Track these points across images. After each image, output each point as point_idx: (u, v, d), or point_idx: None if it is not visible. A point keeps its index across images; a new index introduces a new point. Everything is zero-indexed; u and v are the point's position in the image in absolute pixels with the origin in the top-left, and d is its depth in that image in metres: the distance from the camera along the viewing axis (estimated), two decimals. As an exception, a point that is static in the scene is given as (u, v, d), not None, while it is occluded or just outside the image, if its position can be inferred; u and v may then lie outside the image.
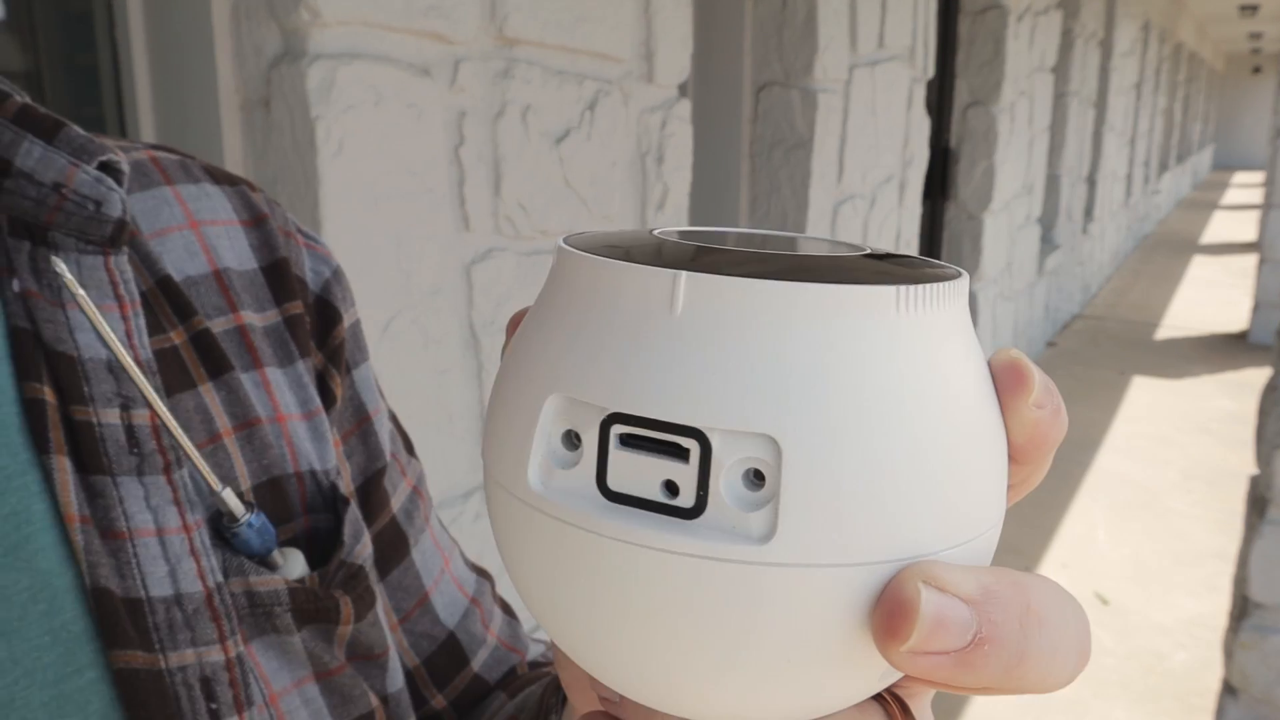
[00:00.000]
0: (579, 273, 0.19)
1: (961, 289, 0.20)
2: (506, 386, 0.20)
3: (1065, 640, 0.19)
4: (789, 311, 0.17)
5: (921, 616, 0.17)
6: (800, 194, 2.36)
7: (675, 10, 1.70)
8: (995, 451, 0.19)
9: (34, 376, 0.34)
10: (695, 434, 0.17)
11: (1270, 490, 2.17)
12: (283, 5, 1.09)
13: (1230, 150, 24.19)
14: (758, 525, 0.17)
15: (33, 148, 0.35)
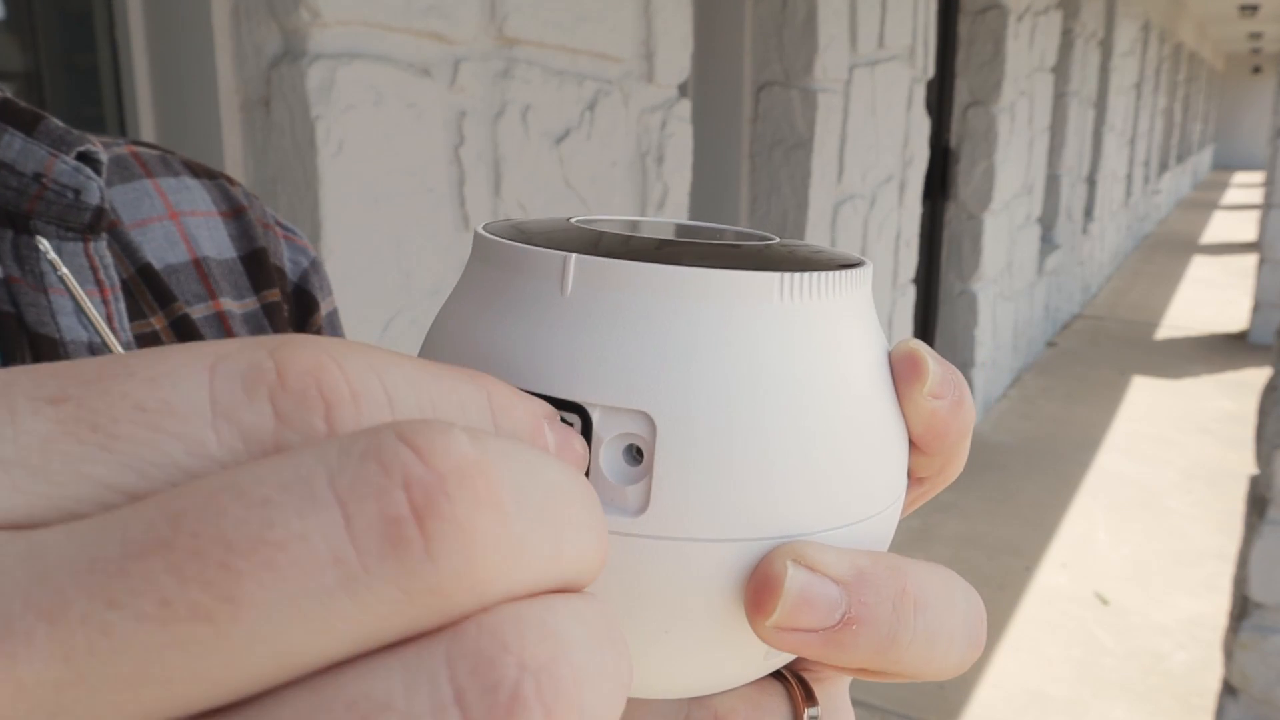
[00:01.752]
0: (486, 254, 0.20)
1: (859, 279, 0.20)
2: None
3: (948, 627, 0.19)
4: (670, 293, 0.18)
5: (786, 592, 0.18)
6: (800, 194, 2.36)
7: (675, 10, 1.70)
8: (885, 439, 0.20)
9: (18, 359, 0.35)
10: (577, 409, 0.18)
11: (1270, 490, 2.17)
12: (283, 5, 1.10)
13: (1230, 150, 24.19)
14: (634, 499, 0.18)
15: (13, 140, 0.36)
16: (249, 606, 0.10)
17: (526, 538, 0.12)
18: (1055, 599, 3.07)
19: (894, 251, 2.96)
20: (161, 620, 0.10)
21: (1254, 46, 18.57)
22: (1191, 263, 9.43)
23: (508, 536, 0.12)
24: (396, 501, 0.11)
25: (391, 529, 0.11)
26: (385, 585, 0.11)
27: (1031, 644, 2.81)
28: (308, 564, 0.11)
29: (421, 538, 0.11)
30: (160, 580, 0.10)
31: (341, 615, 0.11)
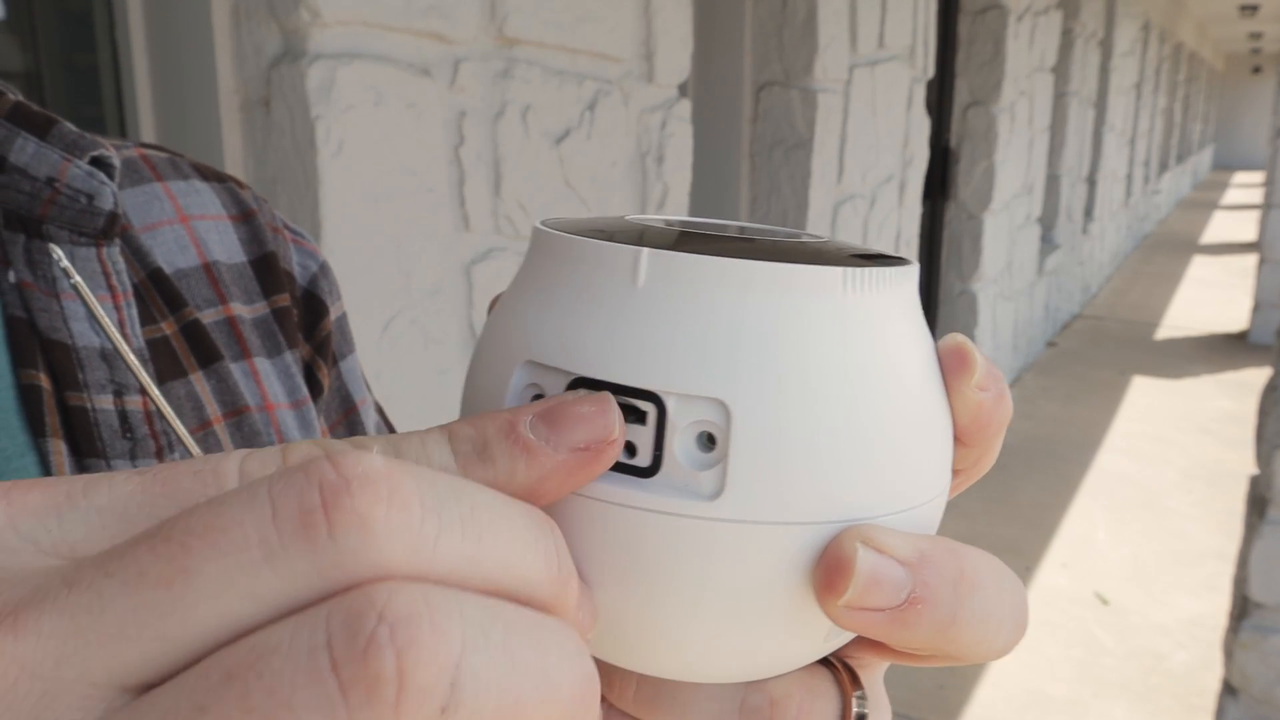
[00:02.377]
0: (553, 249, 0.21)
1: (909, 275, 0.21)
2: (481, 355, 0.22)
3: (999, 609, 0.20)
4: (743, 286, 0.19)
5: (857, 573, 0.19)
6: (800, 194, 2.36)
7: (675, 10, 1.70)
8: (937, 428, 0.21)
9: (30, 364, 0.35)
10: (652, 397, 0.19)
11: (1270, 490, 2.17)
12: (283, 5, 1.10)
13: (1230, 150, 24.19)
14: (708, 483, 0.19)
15: (26, 144, 0.36)
16: (196, 574, 0.14)
17: (439, 535, 0.15)
18: (1055, 599, 3.07)
19: (894, 251, 2.96)
20: (137, 585, 0.14)
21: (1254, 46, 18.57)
22: (1191, 263, 9.43)
23: (410, 528, 0.14)
24: (311, 498, 0.14)
25: (304, 516, 0.14)
26: (297, 559, 0.14)
27: (1031, 644, 2.81)
28: (241, 543, 0.14)
29: (326, 523, 0.14)
30: (140, 557, 0.14)
31: (265, 583, 0.14)
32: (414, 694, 0.13)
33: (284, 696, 0.13)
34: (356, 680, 0.13)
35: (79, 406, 0.35)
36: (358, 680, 0.13)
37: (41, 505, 0.16)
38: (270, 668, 0.13)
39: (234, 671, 0.13)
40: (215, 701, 0.13)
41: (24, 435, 0.34)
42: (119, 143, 0.43)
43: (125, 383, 0.36)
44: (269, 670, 0.13)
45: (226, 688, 0.13)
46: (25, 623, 0.14)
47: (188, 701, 0.13)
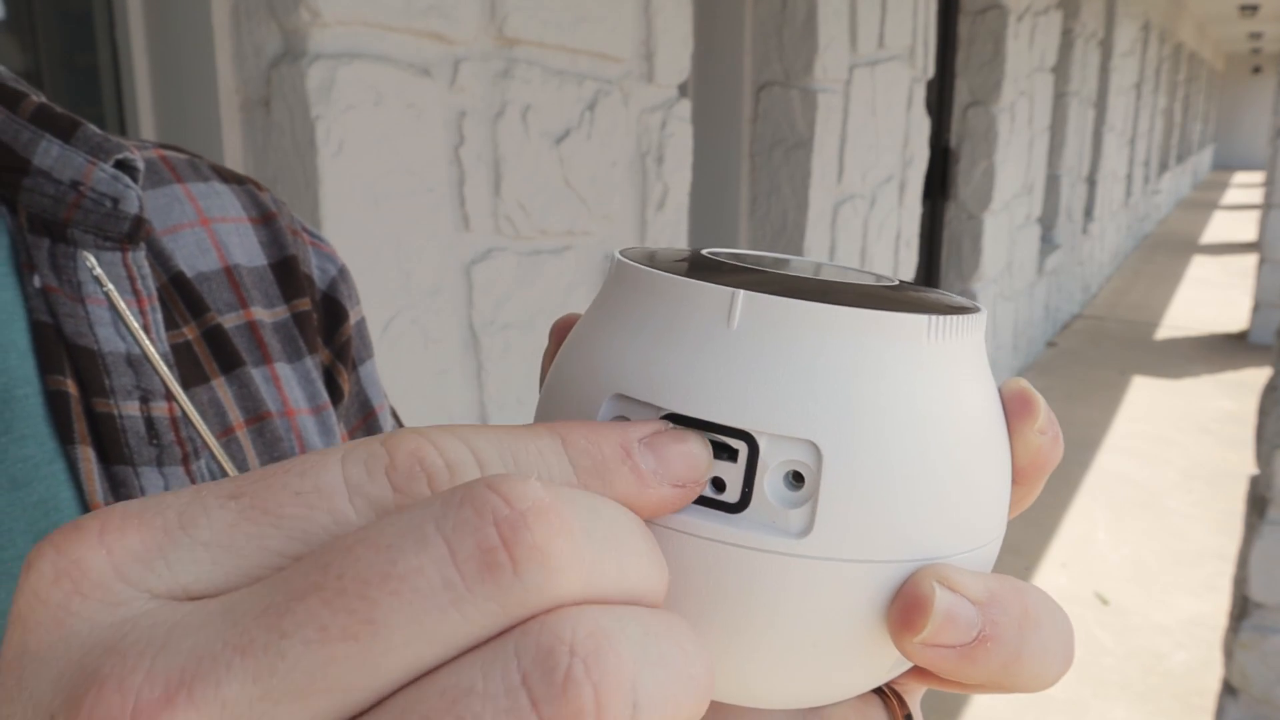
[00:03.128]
0: (640, 284, 0.21)
1: (981, 322, 0.22)
2: (563, 385, 0.22)
3: (1056, 643, 0.21)
4: (836, 331, 0.20)
5: (935, 612, 0.19)
6: (800, 194, 2.36)
7: (675, 10, 1.70)
8: (1002, 470, 0.22)
9: (57, 370, 0.35)
10: (744, 436, 0.19)
11: (1270, 490, 2.17)
12: (283, 5, 1.10)
13: (1230, 150, 24.19)
14: (796, 521, 0.19)
15: (50, 146, 0.36)
16: (383, 625, 0.14)
17: (597, 560, 0.15)
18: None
19: (894, 251, 2.96)
20: (321, 642, 0.14)
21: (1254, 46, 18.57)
22: (1191, 263, 9.43)
23: (580, 557, 0.15)
24: (489, 535, 0.14)
25: (487, 556, 0.14)
26: (485, 600, 0.14)
27: (1031, 644, 2.81)
28: (424, 589, 0.14)
29: (510, 561, 0.14)
30: (318, 612, 0.14)
31: (452, 626, 0.14)
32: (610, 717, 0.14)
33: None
34: (558, 717, 0.13)
35: (106, 413, 0.35)
36: (560, 717, 0.13)
37: (142, 547, 0.15)
38: (470, 710, 0.14)
39: (431, 718, 0.14)
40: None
41: (52, 442, 0.34)
42: (139, 143, 0.43)
43: (151, 389, 0.36)
44: (469, 713, 0.14)
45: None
46: (204, 694, 0.13)
47: None
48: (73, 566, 0.15)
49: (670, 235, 1.77)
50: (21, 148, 0.36)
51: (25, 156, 0.36)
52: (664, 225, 1.75)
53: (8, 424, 0.33)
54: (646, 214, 1.71)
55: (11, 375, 0.34)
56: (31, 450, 0.33)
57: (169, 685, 0.13)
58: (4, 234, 0.36)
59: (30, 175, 0.36)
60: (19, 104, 0.36)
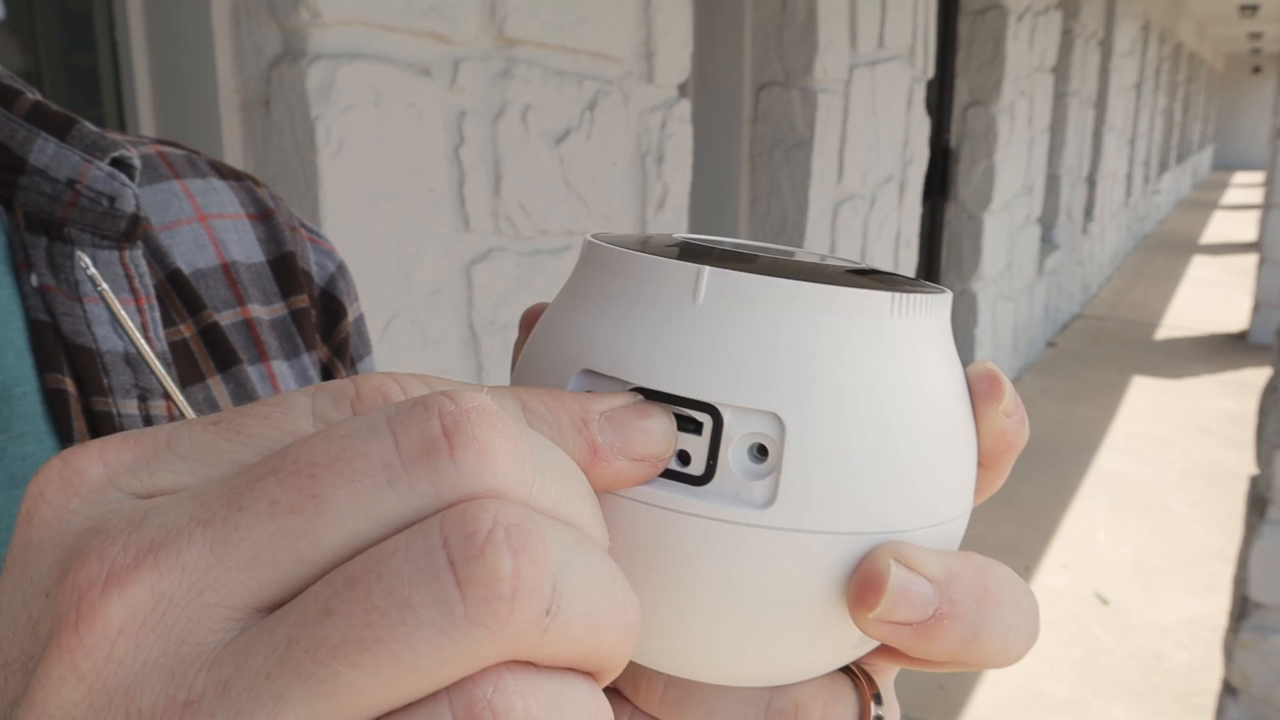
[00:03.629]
0: (609, 263, 0.22)
1: (945, 303, 0.22)
2: (534, 362, 0.22)
3: (1017, 622, 0.21)
4: (800, 306, 0.20)
5: (890, 588, 0.20)
6: (800, 194, 2.36)
7: (675, 10, 1.70)
8: (966, 449, 0.22)
9: (55, 368, 0.35)
10: (709, 409, 0.20)
11: (1270, 490, 2.17)
12: (283, 5, 1.10)
13: (1230, 150, 24.19)
14: (760, 493, 0.20)
15: (46, 145, 0.36)
16: (326, 500, 0.15)
17: (536, 476, 0.16)
18: (1055, 599, 3.07)
19: (894, 251, 2.96)
20: (270, 515, 0.15)
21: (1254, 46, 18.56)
22: (1191, 263, 9.43)
23: (518, 462, 0.16)
24: (432, 426, 0.15)
25: (427, 443, 0.15)
26: (420, 480, 0.15)
27: (1031, 644, 2.80)
28: (366, 470, 0.15)
29: (449, 448, 0.15)
30: (271, 489, 0.15)
31: (388, 504, 0.15)
32: (527, 592, 0.14)
33: (403, 595, 0.14)
34: (473, 577, 0.14)
35: (104, 411, 0.35)
36: (475, 577, 0.14)
37: (133, 460, 0.17)
38: (390, 569, 0.14)
39: (355, 576, 0.15)
40: (340, 603, 0.14)
41: (51, 440, 0.34)
42: (135, 139, 0.42)
43: (149, 387, 0.36)
44: (388, 571, 0.14)
45: (349, 590, 0.15)
46: (167, 559, 0.15)
47: (314, 607, 0.15)
48: (73, 474, 0.17)
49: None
50: (17, 146, 0.36)
51: (21, 155, 0.36)
52: (664, 225, 1.75)
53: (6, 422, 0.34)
54: (646, 214, 1.71)
55: (10, 374, 0.34)
56: (31, 448, 0.34)
57: (139, 552, 0.15)
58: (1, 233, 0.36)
59: (26, 174, 0.36)
60: (14, 102, 0.36)
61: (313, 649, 0.14)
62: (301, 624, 0.15)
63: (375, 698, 0.14)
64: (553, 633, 0.15)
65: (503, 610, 0.14)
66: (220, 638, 0.15)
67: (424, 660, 0.14)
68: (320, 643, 0.14)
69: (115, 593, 0.15)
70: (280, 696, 0.14)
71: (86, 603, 0.15)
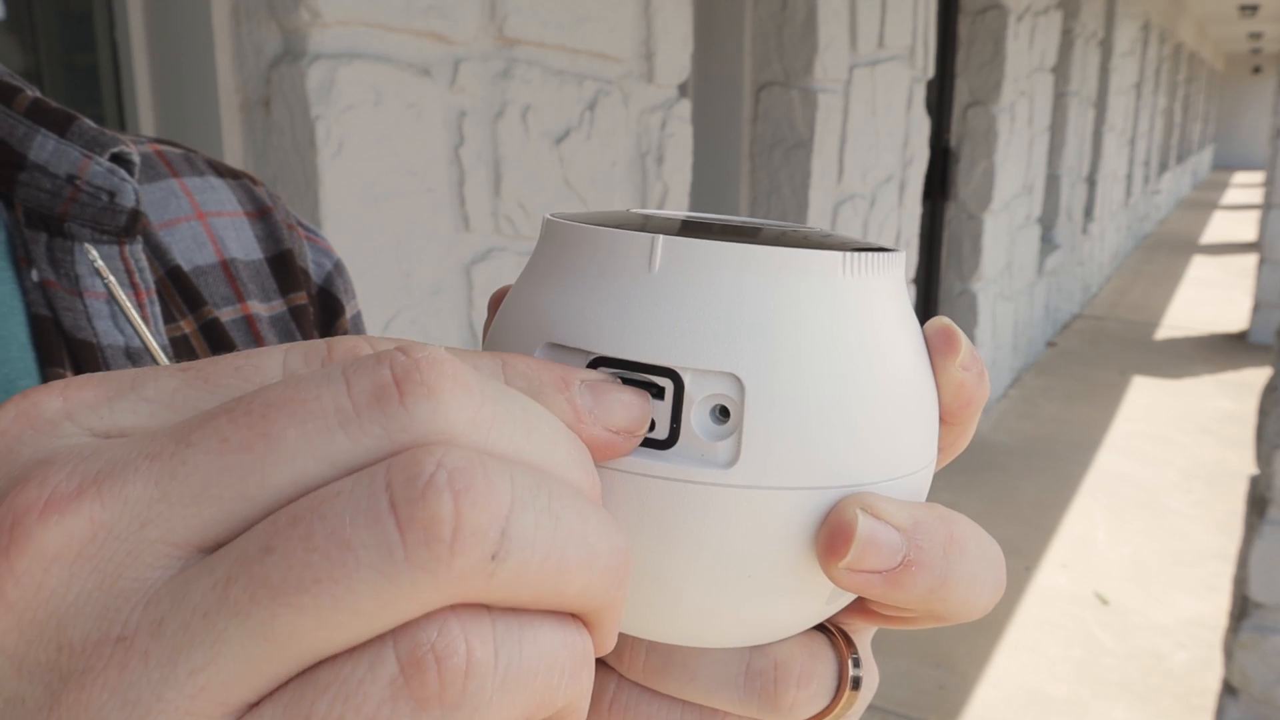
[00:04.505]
0: (567, 239, 0.22)
1: (898, 261, 0.23)
2: (500, 339, 0.23)
3: (983, 571, 0.22)
4: (752, 269, 0.20)
5: (858, 537, 0.20)
6: (800, 194, 2.36)
7: (675, 10, 1.70)
8: (926, 402, 0.22)
9: (56, 362, 0.35)
10: (670, 374, 0.20)
11: (1270, 490, 2.17)
12: (283, 5, 1.10)
13: (1230, 150, 24.18)
14: (723, 452, 0.20)
15: (46, 141, 0.36)
16: (278, 439, 0.15)
17: (493, 421, 0.16)
18: (1055, 599, 3.07)
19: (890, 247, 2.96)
20: (220, 452, 0.15)
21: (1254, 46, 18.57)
22: (1191, 263, 9.43)
23: (471, 406, 0.16)
24: (384, 374, 0.16)
25: (379, 390, 0.16)
26: (369, 423, 0.15)
27: (1031, 644, 2.81)
28: (318, 412, 0.15)
29: (399, 395, 0.15)
30: (222, 427, 0.15)
31: (337, 446, 0.15)
32: (468, 536, 0.14)
33: (344, 535, 0.14)
34: (414, 520, 0.14)
35: None
36: (415, 520, 0.14)
37: (94, 398, 0.17)
38: (332, 510, 0.14)
39: (298, 515, 0.15)
40: (281, 541, 0.14)
41: None
42: (134, 138, 0.43)
43: None
44: (331, 512, 0.14)
45: (291, 528, 0.14)
46: (110, 490, 0.15)
47: (255, 545, 0.15)
48: (30, 407, 0.17)
49: (670, 235, 1.77)
50: (17, 142, 0.36)
51: (21, 151, 0.36)
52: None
53: None
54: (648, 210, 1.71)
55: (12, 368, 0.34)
56: None
57: (83, 482, 0.15)
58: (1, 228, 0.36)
59: (26, 170, 0.36)
60: (14, 99, 0.37)
61: (251, 588, 0.14)
62: (241, 562, 0.15)
63: (315, 640, 0.14)
64: (500, 576, 0.15)
65: (443, 553, 0.14)
66: (159, 574, 0.15)
67: (364, 603, 0.14)
68: (260, 581, 0.14)
69: (53, 520, 0.15)
70: (217, 636, 0.14)
71: (21, 528, 0.15)
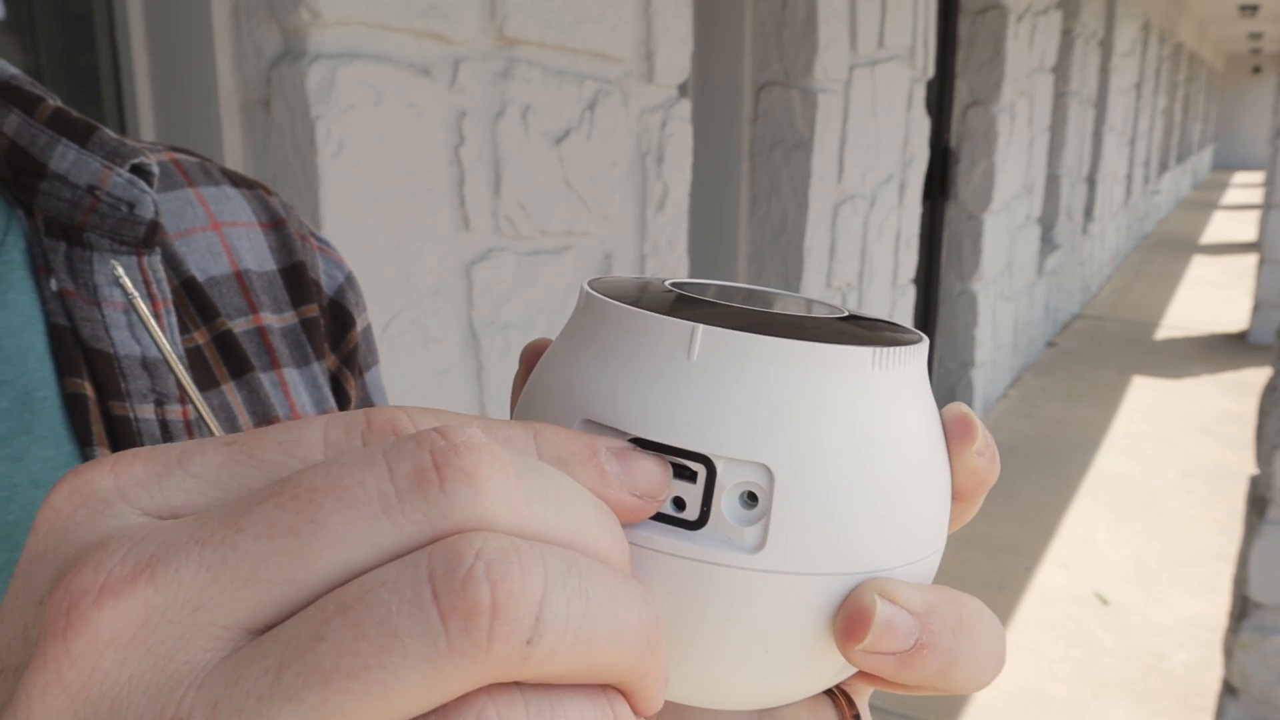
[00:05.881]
0: (608, 316, 0.23)
1: (922, 352, 0.24)
2: (534, 406, 0.24)
3: (988, 650, 0.23)
4: (786, 363, 0.21)
5: (876, 622, 0.21)
6: (800, 194, 2.36)
7: (675, 10, 1.70)
8: (941, 489, 0.23)
9: (74, 372, 0.35)
10: (703, 459, 0.21)
11: (1270, 490, 2.17)
12: (283, 5, 1.10)
13: (1230, 150, 24.18)
14: (750, 538, 0.21)
15: (67, 151, 0.36)
16: (324, 525, 0.16)
17: (528, 501, 0.17)
18: (1055, 599, 3.07)
19: (894, 251, 2.96)
20: (269, 537, 0.16)
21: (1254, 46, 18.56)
22: (1191, 263, 9.43)
23: (508, 490, 0.17)
24: (424, 459, 0.16)
25: (419, 474, 0.16)
26: (412, 510, 0.16)
27: (1031, 644, 2.81)
28: (362, 498, 0.16)
29: (439, 480, 0.16)
30: (271, 513, 0.16)
31: (381, 531, 0.16)
32: (504, 623, 0.15)
33: (391, 624, 0.15)
34: (455, 609, 0.15)
35: (122, 415, 0.35)
36: (456, 609, 0.15)
37: (144, 474, 0.18)
38: (379, 599, 0.15)
39: (347, 603, 0.15)
40: (331, 630, 0.15)
41: (70, 444, 0.34)
42: (150, 145, 0.43)
43: (165, 392, 0.36)
44: (378, 601, 0.15)
45: (340, 617, 0.15)
46: (164, 574, 0.16)
47: (306, 632, 0.15)
48: (83, 485, 0.17)
49: (670, 235, 1.77)
50: (38, 152, 0.36)
51: (42, 161, 0.36)
52: (664, 225, 1.75)
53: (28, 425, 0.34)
54: (646, 214, 1.71)
55: (31, 378, 0.34)
56: (50, 452, 0.34)
57: (137, 566, 0.16)
58: (21, 238, 0.36)
59: (47, 179, 0.36)
60: (35, 108, 0.37)
61: (304, 674, 0.15)
62: (293, 648, 0.15)
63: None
64: (535, 659, 0.15)
65: (483, 641, 0.15)
66: (211, 656, 0.16)
67: (411, 687, 0.15)
68: (312, 668, 0.15)
69: (109, 604, 0.15)
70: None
71: (77, 611, 0.15)
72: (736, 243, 2.44)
